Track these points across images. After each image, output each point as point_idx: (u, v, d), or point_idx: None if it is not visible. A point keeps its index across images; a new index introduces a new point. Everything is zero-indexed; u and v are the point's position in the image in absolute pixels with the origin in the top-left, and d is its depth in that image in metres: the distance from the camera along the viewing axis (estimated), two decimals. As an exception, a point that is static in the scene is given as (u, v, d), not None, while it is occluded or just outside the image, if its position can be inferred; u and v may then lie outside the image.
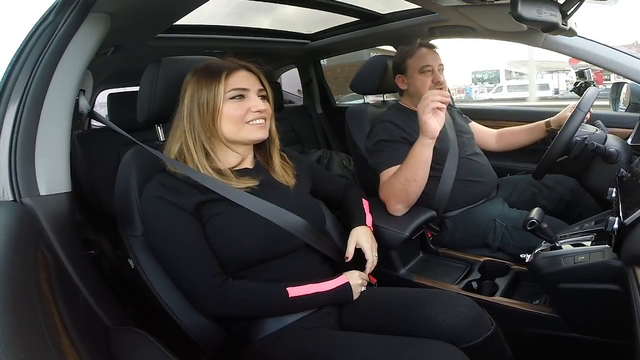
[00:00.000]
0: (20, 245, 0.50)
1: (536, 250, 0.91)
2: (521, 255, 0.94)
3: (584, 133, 1.12)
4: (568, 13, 0.95)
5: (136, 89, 0.93)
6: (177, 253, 0.75)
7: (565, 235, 0.91)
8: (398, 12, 1.59)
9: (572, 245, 0.87)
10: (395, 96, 1.67)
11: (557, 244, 0.88)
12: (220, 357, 0.79)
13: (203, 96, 0.78)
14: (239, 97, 0.80)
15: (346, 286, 0.83)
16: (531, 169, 1.26)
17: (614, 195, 0.85)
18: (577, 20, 1.08)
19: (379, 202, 1.16)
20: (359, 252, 0.95)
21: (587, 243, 0.85)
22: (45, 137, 0.71)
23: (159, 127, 0.95)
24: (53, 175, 0.71)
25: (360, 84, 1.55)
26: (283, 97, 2.26)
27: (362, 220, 0.99)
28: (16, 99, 0.70)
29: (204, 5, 0.99)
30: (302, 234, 0.83)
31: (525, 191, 1.35)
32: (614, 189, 0.86)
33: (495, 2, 1.02)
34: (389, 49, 2.31)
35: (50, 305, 0.45)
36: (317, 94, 2.41)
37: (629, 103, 1.37)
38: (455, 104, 1.66)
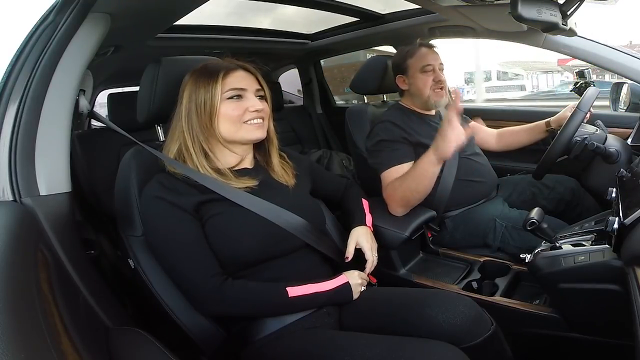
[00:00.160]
0: (20, 245, 0.50)
1: (536, 250, 0.91)
2: (521, 255, 0.94)
3: (584, 133, 1.12)
4: (568, 13, 0.95)
5: (136, 89, 0.93)
6: (177, 253, 0.75)
7: (565, 235, 0.91)
8: (398, 12, 1.59)
9: (572, 245, 0.87)
10: (391, 97, 1.67)
11: (557, 244, 0.88)
12: (220, 357, 0.79)
13: (200, 96, 0.78)
14: (237, 97, 0.80)
15: (346, 286, 0.83)
16: (531, 169, 1.26)
17: (614, 195, 0.85)
18: (577, 20, 1.08)
19: (379, 202, 1.16)
20: (358, 252, 0.95)
21: (587, 243, 0.85)
22: (45, 137, 0.71)
23: (159, 127, 0.95)
24: (53, 175, 0.71)
25: (360, 84, 1.55)
26: (283, 97, 2.26)
27: (362, 220, 0.99)
28: (16, 99, 0.70)
29: (204, 5, 0.99)
30: (302, 234, 0.83)
31: (525, 191, 1.35)
32: (614, 189, 0.86)
33: (495, 2, 1.02)
34: (386, 49, 2.31)
35: (50, 305, 0.45)
36: (317, 94, 2.40)
37: (629, 103, 1.37)
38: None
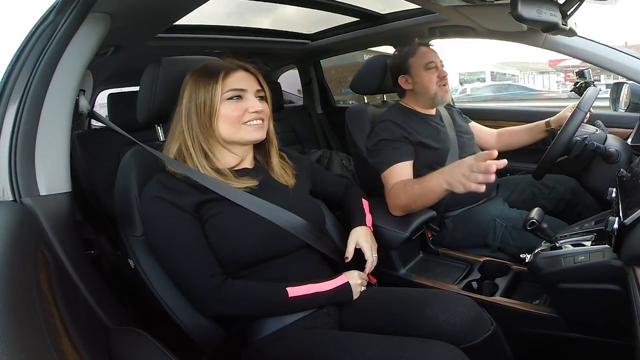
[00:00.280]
0: (20, 245, 0.50)
1: (536, 250, 0.91)
2: (521, 255, 0.94)
3: (584, 133, 1.12)
4: (568, 13, 0.95)
5: (136, 89, 0.93)
6: (177, 253, 0.75)
7: (565, 235, 0.91)
8: (398, 12, 1.59)
9: (572, 245, 0.87)
10: (390, 97, 1.67)
11: (557, 244, 0.88)
12: (220, 357, 0.79)
13: (200, 96, 0.78)
14: (237, 97, 0.80)
15: (346, 286, 0.83)
16: (531, 169, 1.26)
17: (614, 195, 0.85)
18: (577, 20, 1.08)
19: (379, 202, 1.15)
20: (358, 252, 0.95)
21: (587, 243, 0.85)
22: (45, 137, 0.71)
23: (159, 127, 0.95)
24: (53, 175, 0.71)
25: (360, 84, 1.55)
26: (283, 97, 2.26)
27: (362, 220, 0.99)
28: (16, 99, 0.70)
29: (204, 5, 0.99)
30: (302, 234, 0.83)
31: (525, 191, 1.35)
32: (614, 189, 0.86)
33: (495, 2, 1.02)
34: (382, 50, 2.31)
35: (50, 305, 0.45)
36: (317, 94, 2.40)
37: (629, 103, 1.37)
38: (455, 104, 1.65)
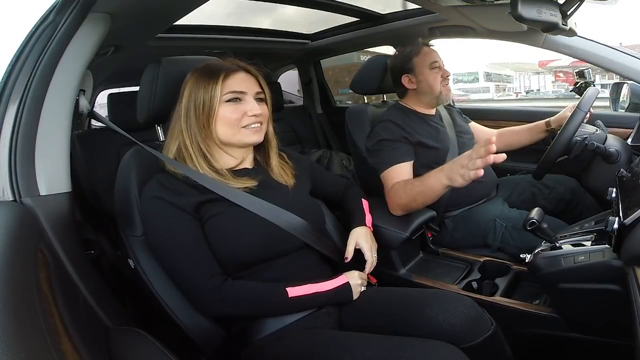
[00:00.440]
0: (20, 245, 0.50)
1: (536, 250, 0.91)
2: (521, 255, 0.94)
3: (584, 133, 1.12)
4: (568, 13, 0.95)
5: (136, 89, 0.93)
6: (177, 253, 0.75)
7: (565, 235, 0.91)
8: (398, 12, 1.59)
9: (572, 245, 0.87)
10: (390, 97, 1.67)
11: (557, 244, 0.88)
12: (220, 357, 0.79)
13: (200, 97, 0.78)
14: (236, 99, 0.80)
15: (346, 286, 0.83)
16: (531, 169, 1.26)
17: (614, 195, 0.85)
18: (577, 20, 1.08)
19: (379, 202, 1.16)
20: (358, 252, 0.94)
21: (587, 243, 0.85)
22: (45, 137, 0.71)
23: (158, 127, 0.95)
24: (53, 175, 0.71)
25: (360, 84, 1.55)
26: (283, 97, 2.26)
27: (362, 220, 0.99)
28: (16, 99, 0.70)
29: (204, 5, 0.99)
30: (302, 234, 0.83)
31: (525, 191, 1.35)
32: (614, 189, 0.86)
33: (495, 2, 1.02)
34: (380, 50, 2.31)
35: (50, 305, 0.45)
36: (317, 94, 2.40)
37: (629, 103, 1.37)
38: (456, 104, 1.65)
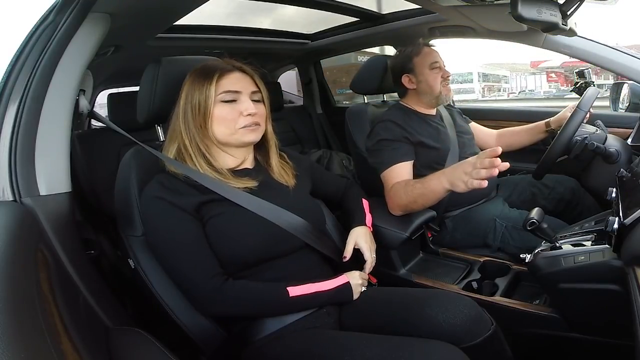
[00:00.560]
0: (20, 245, 0.50)
1: (536, 250, 0.91)
2: (521, 255, 0.94)
3: (584, 133, 1.12)
4: (568, 13, 0.95)
5: (136, 89, 0.93)
6: (177, 253, 0.75)
7: (565, 235, 0.91)
8: (398, 12, 1.59)
9: (572, 245, 0.87)
10: (389, 97, 1.67)
11: (557, 244, 0.88)
12: (220, 357, 0.79)
13: (195, 97, 0.78)
14: (231, 100, 0.80)
15: (346, 286, 0.83)
16: (531, 169, 1.26)
17: (614, 195, 0.85)
18: (577, 20, 1.08)
19: (379, 202, 1.15)
20: (358, 252, 0.94)
21: (587, 243, 0.85)
22: (45, 137, 0.71)
23: (159, 127, 0.95)
24: (53, 175, 0.71)
25: (360, 84, 1.55)
26: (283, 97, 2.26)
27: (362, 220, 0.99)
28: (16, 99, 0.70)
29: (204, 5, 0.99)
30: (302, 234, 0.83)
31: (525, 191, 1.35)
32: (614, 189, 0.86)
33: (495, 2, 1.02)
34: (377, 50, 2.31)
35: (50, 305, 0.45)
36: (317, 94, 2.40)
37: (629, 103, 1.37)
38: (456, 104, 1.66)
